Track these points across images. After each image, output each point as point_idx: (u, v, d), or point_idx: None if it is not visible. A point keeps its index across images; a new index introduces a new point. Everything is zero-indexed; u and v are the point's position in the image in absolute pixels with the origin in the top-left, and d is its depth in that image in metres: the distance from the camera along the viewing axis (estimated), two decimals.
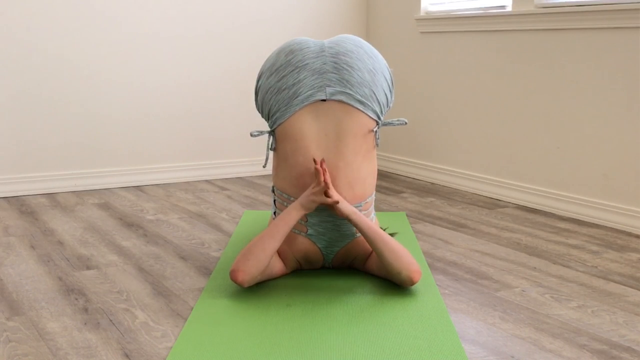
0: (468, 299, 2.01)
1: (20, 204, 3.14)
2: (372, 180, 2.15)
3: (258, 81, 2.22)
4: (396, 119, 2.22)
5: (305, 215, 2.10)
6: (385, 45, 3.94)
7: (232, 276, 1.97)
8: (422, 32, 3.68)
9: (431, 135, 3.69)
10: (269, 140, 2.19)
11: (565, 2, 2.93)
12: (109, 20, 3.41)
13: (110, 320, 1.84)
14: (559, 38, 2.97)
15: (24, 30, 3.24)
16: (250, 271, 1.96)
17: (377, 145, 2.17)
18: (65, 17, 3.31)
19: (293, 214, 2.03)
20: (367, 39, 4.07)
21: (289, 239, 2.12)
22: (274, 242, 1.99)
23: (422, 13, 3.68)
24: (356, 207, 2.11)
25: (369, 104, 2.12)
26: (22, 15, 3.23)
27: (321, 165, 2.04)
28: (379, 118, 2.16)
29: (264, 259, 1.97)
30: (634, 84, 2.70)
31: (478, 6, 3.37)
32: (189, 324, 1.80)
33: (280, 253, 2.14)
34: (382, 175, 3.91)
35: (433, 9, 3.65)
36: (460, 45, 3.45)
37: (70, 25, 3.33)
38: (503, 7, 3.24)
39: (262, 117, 2.23)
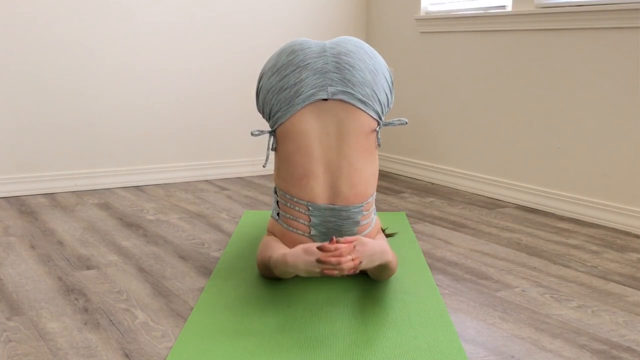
0: (468, 299, 2.01)
1: (20, 204, 3.14)
2: (373, 181, 2.15)
3: (259, 82, 2.22)
4: (396, 119, 2.23)
5: (308, 216, 2.10)
6: (385, 45, 3.94)
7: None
8: (422, 32, 3.68)
9: (431, 135, 3.69)
10: (269, 140, 2.19)
11: (565, 2, 2.93)
12: (110, 22, 3.41)
13: (110, 320, 1.84)
14: (559, 38, 2.97)
15: (24, 30, 3.24)
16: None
17: (378, 145, 2.18)
18: (65, 19, 3.31)
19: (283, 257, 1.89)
20: (367, 39, 4.07)
21: (292, 240, 2.12)
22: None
23: (422, 13, 3.68)
24: (358, 207, 2.11)
25: (371, 103, 2.12)
26: (22, 16, 3.23)
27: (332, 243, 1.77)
28: (380, 118, 2.16)
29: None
30: (634, 84, 2.70)
31: (478, 6, 3.37)
32: (189, 324, 1.80)
33: None
34: (382, 175, 3.91)
35: (433, 9, 3.65)
36: (460, 45, 3.45)
37: (70, 26, 3.33)
38: (503, 7, 3.24)
39: (264, 117, 2.23)
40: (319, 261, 1.69)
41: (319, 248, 1.70)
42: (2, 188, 3.28)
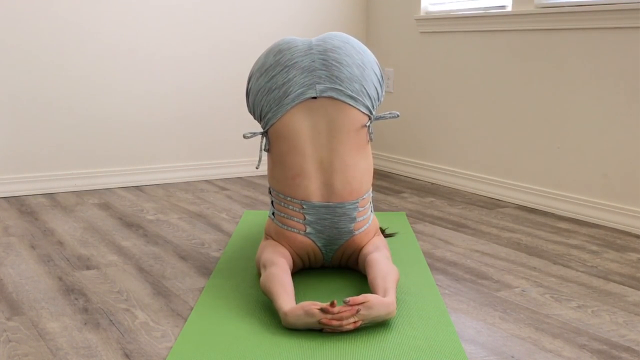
0: (468, 299, 2.01)
1: (20, 204, 3.14)
2: (368, 177, 2.15)
3: (248, 83, 2.22)
4: (388, 112, 2.22)
5: (303, 214, 2.10)
6: (385, 45, 3.94)
7: None
8: (422, 32, 3.68)
9: (431, 135, 3.69)
10: (262, 142, 2.20)
11: (565, 2, 2.93)
12: (110, 20, 3.41)
13: (110, 320, 1.84)
14: (559, 38, 2.97)
15: (23, 29, 3.24)
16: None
17: (370, 140, 2.18)
18: (65, 17, 3.31)
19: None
20: (367, 39, 4.07)
21: (290, 239, 2.12)
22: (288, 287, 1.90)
23: (422, 13, 3.68)
24: (353, 203, 2.11)
25: (360, 98, 2.12)
26: (21, 15, 3.23)
27: (333, 305, 1.74)
28: (371, 113, 2.16)
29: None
30: (634, 84, 2.70)
31: (478, 6, 3.37)
32: (189, 324, 1.80)
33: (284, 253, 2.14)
34: (382, 175, 3.91)
35: (433, 9, 3.65)
36: (460, 45, 3.45)
37: (70, 24, 3.33)
38: (503, 7, 3.24)
39: (255, 118, 2.23)
40: (320, 323, 1.72)
41: (321, 310, 1.72)
42: (2, 188, 3.28)
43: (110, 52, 3.43)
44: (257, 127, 3.85)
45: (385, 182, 3.71)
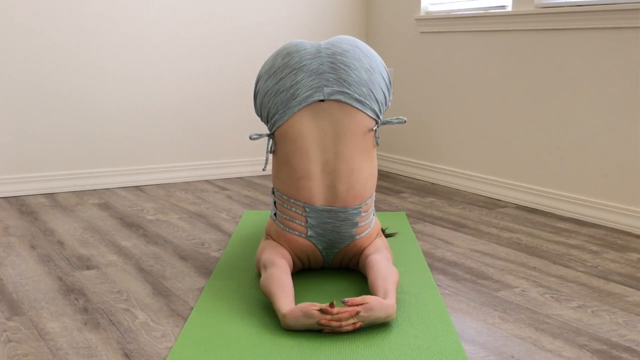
0: (468, 299, 2.01)
1: (20, 204, 3.14)
2: (372, 181, 2.15)
3: (256, 85, 2.22)
4: (395, 118, 2.22)
5: (305, 217, 2.10)
6: (385, 45, 3.94)
7: None
8: (422, 32, 3.68)
9: (431, 135, 3.69)
10: (268, 143, 2.19)
11: (565, 2, 2.93)
12: (110, 21, 3.41)
13: (110, 320, 1.84)
14: (559, 38, 2.97)
15: (24, 30, 3.24)
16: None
17: (377, 144, 2.17)
18: (65, 18, 3.32)
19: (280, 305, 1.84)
20: (367, 39, 4.08)
21: (290, 241, 2.12)
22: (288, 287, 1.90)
23: (422, 13, 3.68)
24: (356, 208, 2.10)
25: (368, 102, 2.12)
26: (22, 16, 3.23)
27: (332, 305, 1.74)
28: (378, 117, 2.16)
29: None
30: (634, 84, 2.70)
31: (478, 6, 3.37)
32: (189, 324, 1.80)
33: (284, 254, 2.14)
34: (382, 175, 3.91)
35: (433, 9, 3.65)
36: (460, 45, 3.45)
37: (70, 25, 3.33)
38: (503, 7, 3.24)
39: (262, 120, 2.23)
40: (319, 324, 1.72)
41: (321, 310, 1.72)
42: (2, 188, 3.28)
43: (110, 53, 3.43)
44: (258, 129, 3.85)
45: (385, 182, 3.71)
